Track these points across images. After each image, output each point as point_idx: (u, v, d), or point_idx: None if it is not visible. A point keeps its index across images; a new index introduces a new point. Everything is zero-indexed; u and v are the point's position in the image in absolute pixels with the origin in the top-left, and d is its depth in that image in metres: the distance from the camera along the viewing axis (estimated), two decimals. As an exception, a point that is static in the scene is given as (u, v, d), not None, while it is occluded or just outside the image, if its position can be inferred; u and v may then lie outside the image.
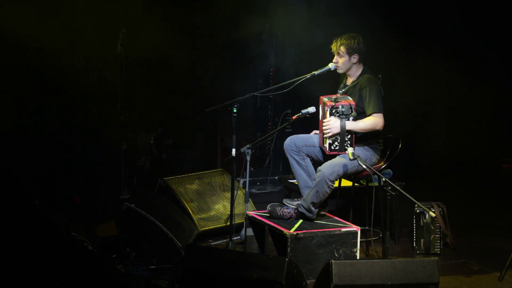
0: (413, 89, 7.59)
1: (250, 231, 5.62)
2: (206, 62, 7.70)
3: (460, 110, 7.68)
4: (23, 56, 6.47)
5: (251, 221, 5.52)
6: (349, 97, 5.31)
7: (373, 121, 5.21)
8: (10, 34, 6.43)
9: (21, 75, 6.54)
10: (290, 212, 5.34)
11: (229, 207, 5.44)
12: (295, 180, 5.60)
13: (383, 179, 4.91)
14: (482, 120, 7.43)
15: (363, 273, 4.22)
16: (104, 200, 6.45)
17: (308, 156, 5.44)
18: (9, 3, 6.42)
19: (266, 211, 5.43)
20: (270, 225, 5.23)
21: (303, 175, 5.42)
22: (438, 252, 5.58)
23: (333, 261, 4.21)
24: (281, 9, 7.98)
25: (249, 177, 5.55)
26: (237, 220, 5.73)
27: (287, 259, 4.28)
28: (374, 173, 4.97)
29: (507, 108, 7.21)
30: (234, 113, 5.23)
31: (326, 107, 5.22)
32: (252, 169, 7.64)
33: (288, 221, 5.29)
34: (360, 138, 5.32)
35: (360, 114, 5.26)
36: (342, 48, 5.35)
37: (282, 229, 5.08)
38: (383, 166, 5.44)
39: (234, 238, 5.35)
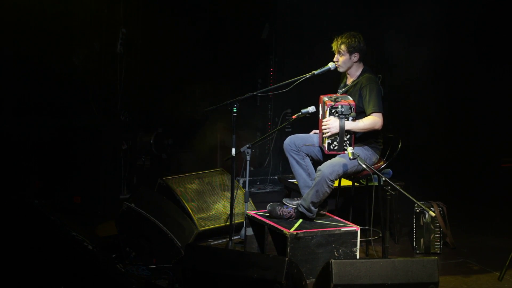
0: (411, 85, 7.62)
1: (250, 231, 5.62)
2: (206, 62, 7.71)
3: (460, 109, 7.67)
4: (23, 56, 6.48)
5: (251, 220, 5.52)
6: (349, 96, 5.31)
7: (372, 120, 5.21)
8: (10, 34, 6.44)
9: (21, 75, 6.55)
10: (290, 212, 5.34)
11: (229, 206, 5.43)
12: (295, 180, 5.60)
13: (383, 178, 4.91)
14: (482, 119, 7.42)
15: (363, 273, 4.22)
16: (104, 200, 6.46)
17: (308, 155, 5.44)
18: (10, 3, 6.43)
19: (266, 210, 5.43)
20: (270, 224, 5.23)
21: (303, 175, 5.42)
22: (438, 251, 5.58)
23: (333, 260, 4.20)
24: (282, 9, 8.01)
25: (249, 176, 5.54)
26: (237, 220, 5.73)
27: (287, 259, 4.27)
28: (374, 173, 4.97)
29: (508, 107, 7.20)
30: (234, 113, 5.23)
31: (325, 107, 5.22)
32: (252, 168, 7.65)
33: (288, 221, 5.29)
34: (360, 138, 5.32)
35: (360, 114, 5.26)
36: (343, 47, 5.36)
37: (282, 228, 5.08)
38: (383, 166, 5.44)
39: (234, 238, 5.35)
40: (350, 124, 5.16)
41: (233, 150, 5.24)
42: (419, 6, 7.34)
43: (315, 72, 5.37)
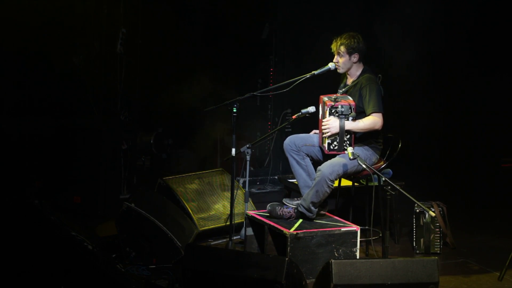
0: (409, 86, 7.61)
1: (250, 231, 5.62)
2: (206, 62, 7.71)
3: (460, 109, 7.67)
4: (23, 56, 6.48)
5: (251, 220, 5.52)
6: (349, 97, 5.31)
7: (372, 120, 5.21)
8: (10, 34, 6.44)
9: (21, 74, 6.55)
10: (290, 212, 5.34)
11: (229, 206, 5.44)
12: (295, 180, 5.60)
13: (383, 178, 4.91)
14: (482, 119, 7.42)
15: (363, 273, 4.22)
16: (104, 200, 6.45)
17: (308, 155, 5.44)
18: (10, 3, 6.43)
19: (266, 210, 5.43)
20: (270, 224, 5.23)
21: (303, 175, 5.42)
22: (438, 251, 5.58)
23: (333, 260, 4.20)
24: (282, 9, 8.00)
25: (249, 176, 5.55)
26: (237, 220, 5.73)
27: (287, 259, 4.27)
28: (374, 173, 4.97)
29: (508, 107, 7.20)
30: (234, 113, 5.23)
31: (325, 107, 5.22)
32: (252, 168, 7.65)
33: (288, 221, 5.29)
34: (360, 138, 5.32)
35: (360, 114, 5.26)
36: (342, 48, 5.35)
37: (282, 228, 5.08)
38: (383, 166, 5.44)
39: (234, 238, 5.35)
40: (350, 124, 5.16)
41: (233, 150, 5.24)
42: (419, 5, 7.35)
43: (315, 72, 5.37)
